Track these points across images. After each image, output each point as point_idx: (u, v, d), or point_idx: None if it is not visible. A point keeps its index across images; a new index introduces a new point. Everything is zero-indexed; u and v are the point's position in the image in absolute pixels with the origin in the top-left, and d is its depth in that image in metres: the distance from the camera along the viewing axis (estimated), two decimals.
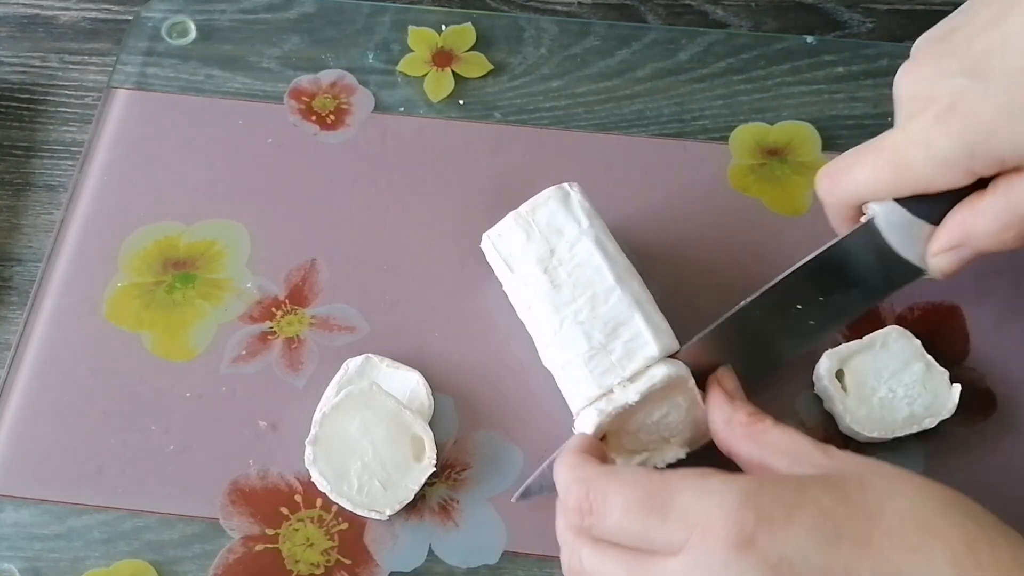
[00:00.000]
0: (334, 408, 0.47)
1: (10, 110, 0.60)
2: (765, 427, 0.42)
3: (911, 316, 0.52)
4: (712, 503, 0.35)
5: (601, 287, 0.47)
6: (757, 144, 0.58)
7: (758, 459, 0.41)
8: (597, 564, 0.38)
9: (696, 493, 0.36)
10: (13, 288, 0.54)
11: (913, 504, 0.35)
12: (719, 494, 0.35)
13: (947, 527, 0.35)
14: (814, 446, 0.40)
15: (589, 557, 0.38)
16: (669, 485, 0.36)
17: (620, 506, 0.37)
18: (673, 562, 0.35)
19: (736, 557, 0.34)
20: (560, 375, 0.47)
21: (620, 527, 0.37)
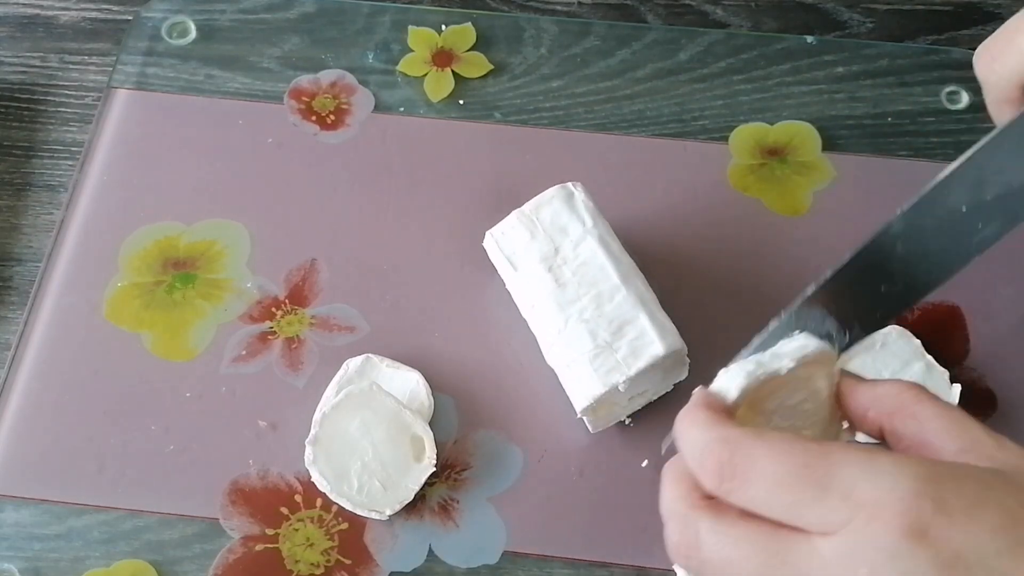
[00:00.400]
0: (334, 408, 0.47)
1: (10, 110, 0.60)
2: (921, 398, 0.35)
3: (911, 316, 0.52)
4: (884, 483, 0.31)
5: (606, 286, 0.47)
6: (757, 144, 0.58)
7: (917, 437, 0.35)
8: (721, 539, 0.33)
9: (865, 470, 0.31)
10: (13, 288, 0.54)
11: None
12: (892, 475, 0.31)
13: None
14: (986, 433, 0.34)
15: (711, 531, 0.33)
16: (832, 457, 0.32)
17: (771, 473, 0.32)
18: (826, 544, 0.31)
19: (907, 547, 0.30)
20: (564, 373, 0.47)
21: (768, 497, 0.32)
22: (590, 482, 0.48)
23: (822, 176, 0.57)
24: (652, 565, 0.46)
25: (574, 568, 0.46)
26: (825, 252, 0.54)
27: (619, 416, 0.48)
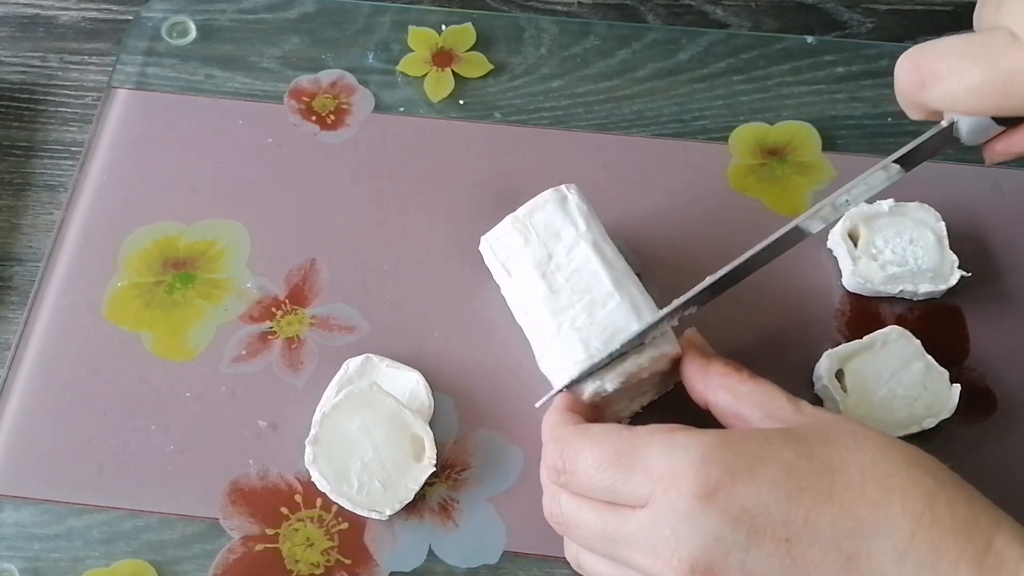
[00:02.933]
0: (334, 408, 0.47)
1: (10, 110, 0.60)
2: (742, 378, 0.43)
3: (911, 316, 0.52)
4: (676, 457, 0.37)
5: (599, 292, 0.46)
6: (757, 144, 0.58)
7: (733, 409, 0.42)
8: (574, 511, 0.40)
9: (662, 448, 0.37)
10: (13, 288, 0.54)
11: (875, 460, 0.37)
12: (683, 448, 0.37)
13: (907, 483, 0.36)
14: (787, 400, 0.41)
15: (567, 503, 0.40)
16: (636, 442, 0.38)
17: (590, 464, 0.38)
18: (641, 514, 0.37)
19: (700, 508, 0.35)
20: (557, 382, 0.46)
21: (591, 483, 0.39)
22: None
23: (822, 176, 0.57)
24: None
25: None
26: (825, 252, 0.54)
27: (622, 415, 0.48)
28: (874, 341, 0.50)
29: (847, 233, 0.53)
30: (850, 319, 0.52)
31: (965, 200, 0.56)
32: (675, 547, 0.36)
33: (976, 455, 0.49)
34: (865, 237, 0.52)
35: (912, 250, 0.52)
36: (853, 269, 0.52)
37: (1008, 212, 0.55)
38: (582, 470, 0.39)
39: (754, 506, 0.35)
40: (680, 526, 0.36)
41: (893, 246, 0.52)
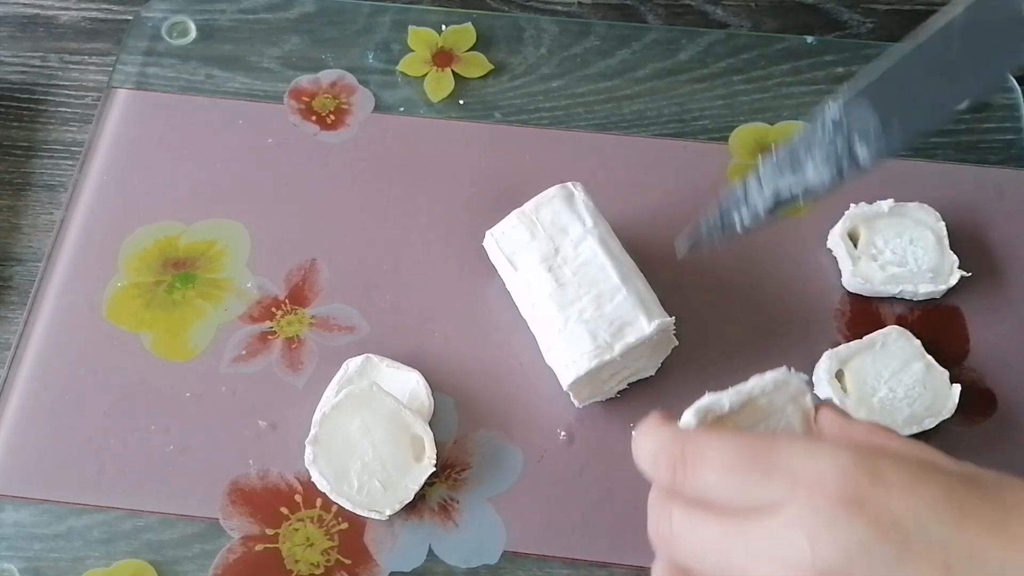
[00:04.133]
0: (334, 408, 0.47)
1: (10, 110, 0.60)
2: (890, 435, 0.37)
3: (911, 316, 0.52)
4: (823, 459, 0.32)
5: (606, 286, 0.47)
6: (757, 144, 0.58)
7: None
8: (689, 525, 0.34)
9: (806, 451, 0.33)
10: (13, 288, 0.54)
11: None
12: (832, 452, 0.32)
13: None
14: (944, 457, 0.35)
15: (681, 519, 0.35)
16: (775, 443, 0.34)
17: (719, 460, 0.34)
18: (773, 520, 0.32)
19: (844, 515, 0.31)
20: (563, 373, 0.47)
21: (718, 484, 0.34)
22: (590, 482, 0.48)
23: None
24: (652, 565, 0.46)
25: (574, 568, 0.46)
26: (825, 252, 0.54)
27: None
28: (874, 341, 0.50)
29: (847, 233, 0.53)
30: (850, 319, 0.52)
31: (965, 200, 0.56)
32: (811, 556, 0.31)
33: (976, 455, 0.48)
34: (865, 237, 0.52)
35: (912, 250, 0.52)
36: (853, 269, 0.52)
37: (1008, 212, 0.55)
38: (708, 467, 0.34)
39: (909, 521, 0.31)
40: (820, 532, 0.31)
41: (893, 246, 0.52)
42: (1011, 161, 0.57)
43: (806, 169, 0.41)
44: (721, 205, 0.42)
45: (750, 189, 0.42)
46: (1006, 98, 0.59)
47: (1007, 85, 0.59)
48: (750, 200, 0.42)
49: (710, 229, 0.43)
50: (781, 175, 0.42)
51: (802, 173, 0.41)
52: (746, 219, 0.42)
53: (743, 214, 0.42)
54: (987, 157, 0.57)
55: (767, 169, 0.42)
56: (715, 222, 0.43)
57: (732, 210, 0.42)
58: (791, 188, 0.42)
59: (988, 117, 0.59)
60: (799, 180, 0.41)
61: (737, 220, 0.42)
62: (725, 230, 0.42)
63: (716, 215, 0.43)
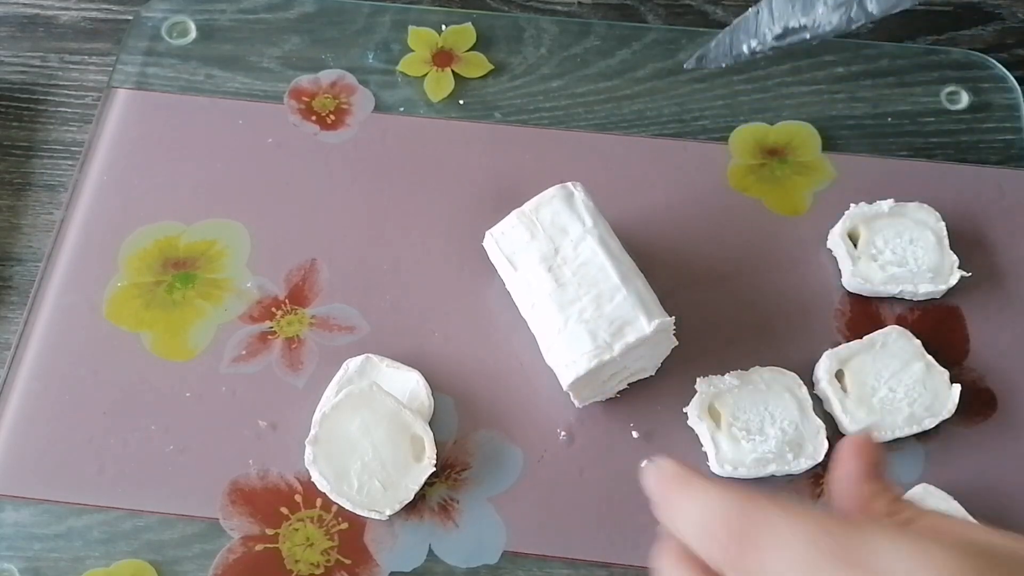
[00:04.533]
0: (334, 408, 0.47)
1: (10, 110, 0.60)
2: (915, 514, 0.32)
3: (911, 316, 0.52)
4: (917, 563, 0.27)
5: (606, 286, 0.47)
6: (757, 144, 0.58)
7: None
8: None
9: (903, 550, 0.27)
10: (13, 288, 0.54)
11: None
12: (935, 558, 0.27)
13: None
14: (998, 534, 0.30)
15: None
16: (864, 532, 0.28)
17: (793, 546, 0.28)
18: None
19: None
20: (563, 373, 0.47)
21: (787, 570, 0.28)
22: (590, 482, 0.48)
23: (822, 176, 0.57)
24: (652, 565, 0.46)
25: (574, 568, 0.46)
26: (825, 252, 0.54)
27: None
28: (874, 341, 0.50)
29: (847, 233, 0.53)
30: (850, 319, 0.52)
31: (965, 200, 0.56)
32: None
33: (976, 455, 0.49)
34: (865, 237, 0.52)
35: (912, 250, 0.52)
36: (853, 269, 0.52)
37: (1008, 212, 0.55)
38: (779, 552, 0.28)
39: None
40: None
41: (893, 246, 0.52)
42: (1011, 161, 0.57)
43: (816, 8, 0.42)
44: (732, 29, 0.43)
45: (762, 18, 0.43)
46: (1006, 98, 0.59)
47: (1007, 85, 0.59)
48: (760, 28, 0.43)
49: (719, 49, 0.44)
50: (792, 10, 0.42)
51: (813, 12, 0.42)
52: (755, 45, 0.43)
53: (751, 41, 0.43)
54: (987, 157, 0.57)
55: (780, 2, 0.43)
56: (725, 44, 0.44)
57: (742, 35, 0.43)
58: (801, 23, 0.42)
59: (988, 117, 0.59)
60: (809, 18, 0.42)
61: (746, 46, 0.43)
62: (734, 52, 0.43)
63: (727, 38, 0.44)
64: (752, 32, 0.43)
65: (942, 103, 0.59)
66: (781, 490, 0.48)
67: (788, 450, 0.47)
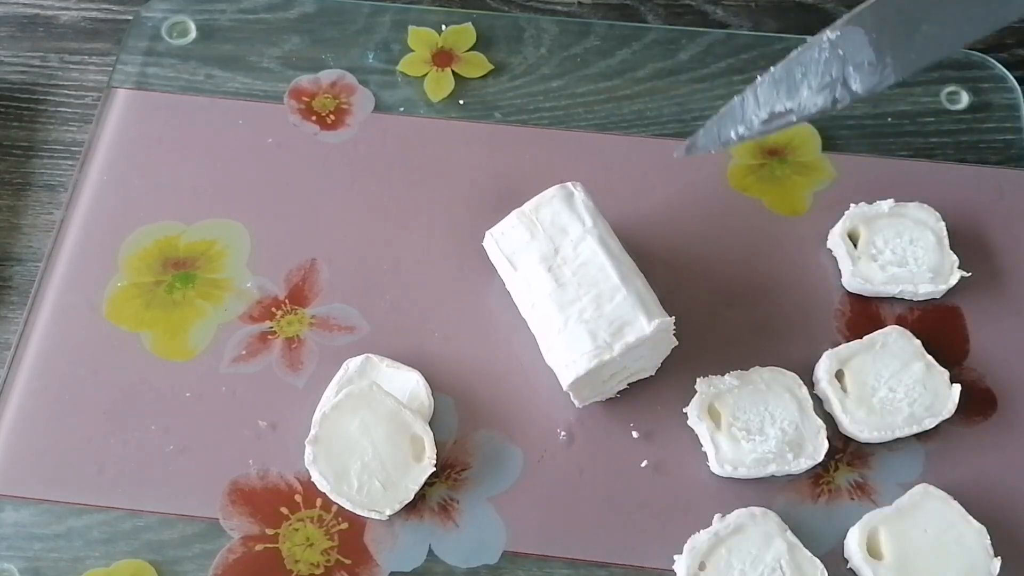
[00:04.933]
0: (334, 408, 0.47)
1: (10, 110, 0.60)
2: None
3: (911, 316, 0.52)
4: None
5: (606, 286, 0.47)
6: (757, 144, 0.58)
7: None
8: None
9: None
10: (13, 288, 0.54)
11: None
12: None
13: None
14: None
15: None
16: None
17: None
18: None
19: None
20: (563, 373, 0.47)
21: None
22: (590, 482, 0.48)
23: (822, 176, 0.57)
24: (652, 565, 0.46)
25: (574, 568, 0.46)
26: (825, 252, 0.54)
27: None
28: (874, 341, 0.50)
29: (847, 233, 0.53)
30: (850, 319, 0.52)
31: (965, 200, 0.56)
32: None
33: (976, 455, 0.49)
34: (865, 237, 0.52)
35: (912, 250, 0.52)
36: (853, 269, 0.52)
37: (1008, 212, 0.55)
38: None
39: None
40: None
41: (893, 246, 0.52)
42: (1011, 161, 0.57)
43: (801, 91, 0.43)
44: (720, 117, 0.45)
45: (748, 105, 0.44)
46: (1006, 98, 0.59)
47: (1007, 85, 0.59)
48: (747, 115, 0.44)
49: (707, 138, 0.46)
50: (777, 95, 0.44)
51: (797, 96, 0.43)
52: (742, 131, 0.45)
53: (739, 127, 0.45)
54: (987, 157, 0.57)
55: (764, 88, 0.44)
56: (713, 132, 0.45)
57: (729, 122, 0.45)
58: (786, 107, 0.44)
59: (988, 117, 0.59)
60: (794, 102, 0.43)
61: (733, 132, 0.45)
62: (721, 139, 0.45)
63: (715, 127, 0.45)
64: (739, 119, 0.45)
65: (942, 103, 0.59)
66: (781, 490, 0.48)
67: (788, 450, 0.47)
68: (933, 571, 0.45)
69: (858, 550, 0.45)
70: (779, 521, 0.46)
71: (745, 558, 0.45)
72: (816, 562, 0.45)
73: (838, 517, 0.47)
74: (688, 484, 0.48)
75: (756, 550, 0.45)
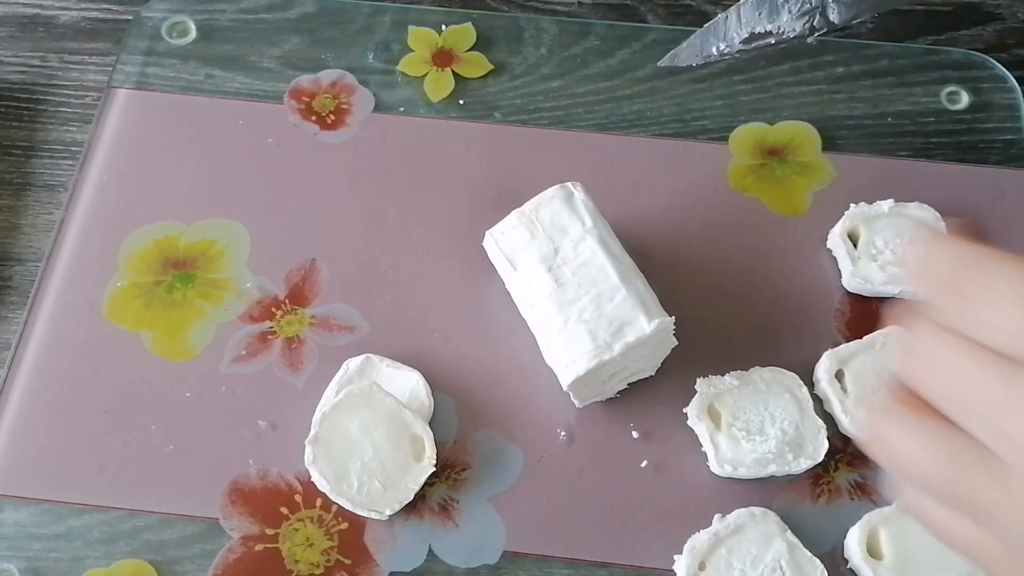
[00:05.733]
0: (334, 408, 0.47)
1: (10, 110, 0.60)
2: None
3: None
4: None
5: (606, 286, 0.47)
6: (757, 144, 0.58)
7: None
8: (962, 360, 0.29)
9: None
10: (13, 288, 0.54)
11: None
12: None
13: None
14: None
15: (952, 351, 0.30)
16: None
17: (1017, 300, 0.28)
18: None
19: None
20: (563, 373, 0.47)
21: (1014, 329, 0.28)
22: (590, 482, 0.48)
23: (822, 176, 0.57)
24: (652, 565, 0.46)
25: (574, 568, 0.46)
26: (825, 252, 0.54)
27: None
28: (874, 341, 0.50)
29: (847, 233, 0.53)
30: (850, 319, 0.52)
31: (965, 200, 0.56)
32: None
33: None
34: (865, 237, 0.52)
35: None
36: (853, 269, 0.52)
37: (1008, 212, 0.55)
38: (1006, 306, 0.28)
39: None
40: None
41: (893, 246, 0.52)
42: (1011, 161, 0.57)
43: (782, 15, 0.46)
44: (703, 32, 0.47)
45: (730, 23, 0.47)
46: (1006, 98, 0.59)
47: (1007, 85, 0.59)
48: (729, 32, 0.47)
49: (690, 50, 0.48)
50: (758, 17, 0.46)
51: (778, 19, 0.46)
52: (723, 47, 0.47)
53: (720, 43, 0.47)
54: (987, 157, 0.57)
55: (747, 8, 0.46)
56: (696, 45, 0.47)
57: (711, 38, 0.47)
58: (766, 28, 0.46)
59: (988, 117, 0.59)
60: (774, 24, 0.46)
61: (714, 47, 0.47)
62: (703, 53, 0.47)
63: (697, 40, 0.47)
64: (721, 35, 0.47)
65: (942, 103, 0.59)
66: (781, 490, 0.48)
67: (788, 450, 0.47)
68: (933, 571, 0.45)
69: (858, 550, 0.45)
70: (779, 521, 0.46)
71: (745, 558, 0.45)
72: (816, 562, 0.45)
73: (838, 517, 0.47)
74: (688, 484, 0.48)
75: (756, 550, 0.45)
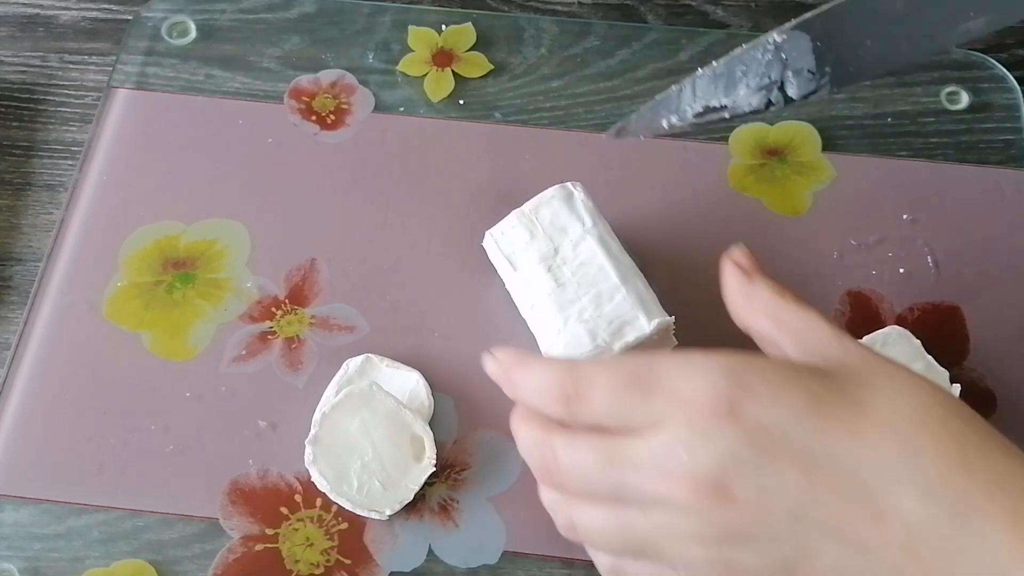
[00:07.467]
0: (334, 408, 0.47)
1: (10, 110, 0.60)
2: (786, 304, 0.39)
3: (911, 316, 0.52)
4: (698, 378, 0.35)
5: (605, 286, 0.47)
6: (757, 144, 0.58)
7: (771, 338, 0.40)
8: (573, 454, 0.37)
9: (682, 369, 0.35)
10: (13, 288, 0.54)
11: (911, 404, 0.35)
12: (705, 370, 0.35)
13: (943, 428, 0.34)
14: (833, 335, 0.38)
15: (564, 449, 0.37)
16: (655, 364, 0.36)
17: (607, 386, 0.36)
18: (655, 438, 0.35)
19: (717, 426, 0.34)
20: None
21: (606, 408, 0.36)
22: None
23: (822, 176, 0.57)
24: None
25: (574, 568, 0.46)
26: (825, 252, 0.54)
27: None
28: (874, 341, 0.50)
29: None
30: (850, 319, 0.52)
31: (965, 200, 0.56)
32: (690, 467, 0.34)
33: None
34: None
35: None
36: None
37: (1008, 212, 0.55)
38: (597, 395, 0.36)
39: (772, 426, 0.34)
40: (696, 444, 0.34)
41: None
42: (1011, 161, 0.57)
43: (738, 89, 0.44)
44: (654, 104, 0.45)
45: (684, 96, 0.45)
46: (1006, 98, 0.59)
47: (1007, 85, 0.60)
48: (682, 105, 0.45)
49: (639, 122, 0.46)
50: (715, 91, 0.44)
51: (734, 93, 0.44)
52: (674, 120, 0.45)
53: (672, 116, 0.45)
54: (987, 157, 0.57)
55: (703, 82, 0.44)
56: (646, 117, 0.45)
57: (663, 110, 0.45)
58: (722, 102, 0.44)
59: (988, 117, 0.59)
60: (730, 98, 0.44)
61: (665, 121, 0.45)
62: (653, 126, 0.45)
63: (648, 112, 0.45)
64: (673, 108, 0.45)
65: (942, 103, 0.59)
66: None
67: None
68: None
69: None
70: None
71: None
72: None
73: None
74: None
75: None
